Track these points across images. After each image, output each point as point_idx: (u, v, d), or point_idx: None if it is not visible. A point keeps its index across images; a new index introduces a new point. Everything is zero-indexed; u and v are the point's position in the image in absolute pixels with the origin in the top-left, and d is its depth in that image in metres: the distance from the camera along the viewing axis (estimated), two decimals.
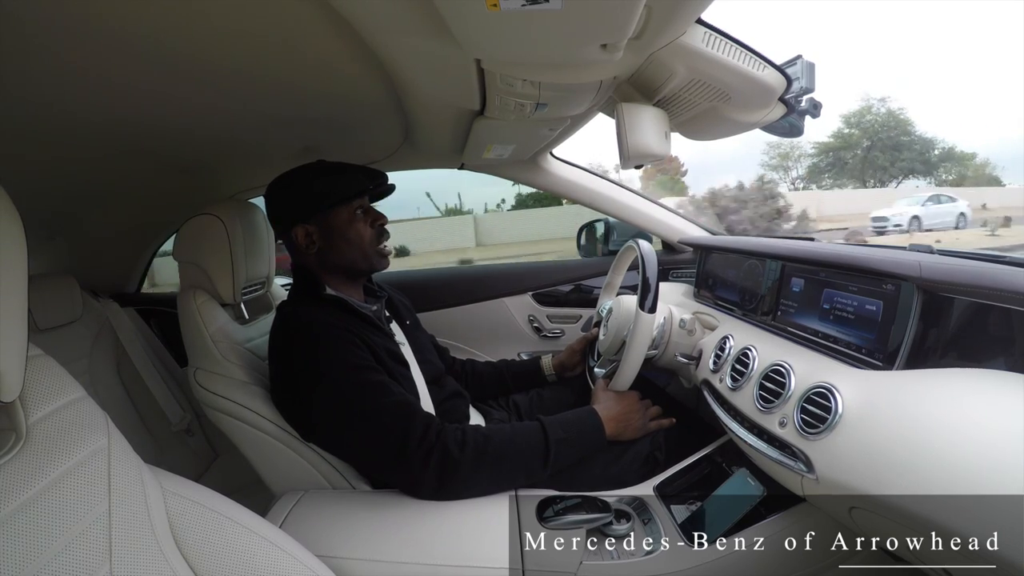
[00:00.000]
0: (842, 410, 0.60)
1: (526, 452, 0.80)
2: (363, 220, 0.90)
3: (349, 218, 0.88)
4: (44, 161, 0.92)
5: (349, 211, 0.88)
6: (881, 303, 0.68)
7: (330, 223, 0.88)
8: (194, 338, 0.90)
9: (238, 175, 1.33)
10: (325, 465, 0.82)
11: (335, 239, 0.88)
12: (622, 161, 0.82)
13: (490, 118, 0.90)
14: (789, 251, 0.90)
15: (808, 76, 0.77)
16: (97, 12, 0.49)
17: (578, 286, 1.57)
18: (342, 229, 0.88)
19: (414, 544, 0.68)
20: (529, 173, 1.45)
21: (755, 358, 0.80)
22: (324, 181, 0.87)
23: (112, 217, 1.37)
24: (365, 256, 0.90)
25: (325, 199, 0.86)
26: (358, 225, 0.89)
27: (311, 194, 0.87)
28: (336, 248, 0.89)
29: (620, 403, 0.93)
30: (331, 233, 0.88)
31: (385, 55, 0.63)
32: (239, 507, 0.53)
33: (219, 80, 0.70)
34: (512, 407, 1.14)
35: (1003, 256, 0.68)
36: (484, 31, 0.52)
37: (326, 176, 0.87)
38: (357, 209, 0.89)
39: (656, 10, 0.53)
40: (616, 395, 0.94)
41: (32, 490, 0.39)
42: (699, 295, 1.23)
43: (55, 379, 0.46)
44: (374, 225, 0.91)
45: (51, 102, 0.69)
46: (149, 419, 1.35)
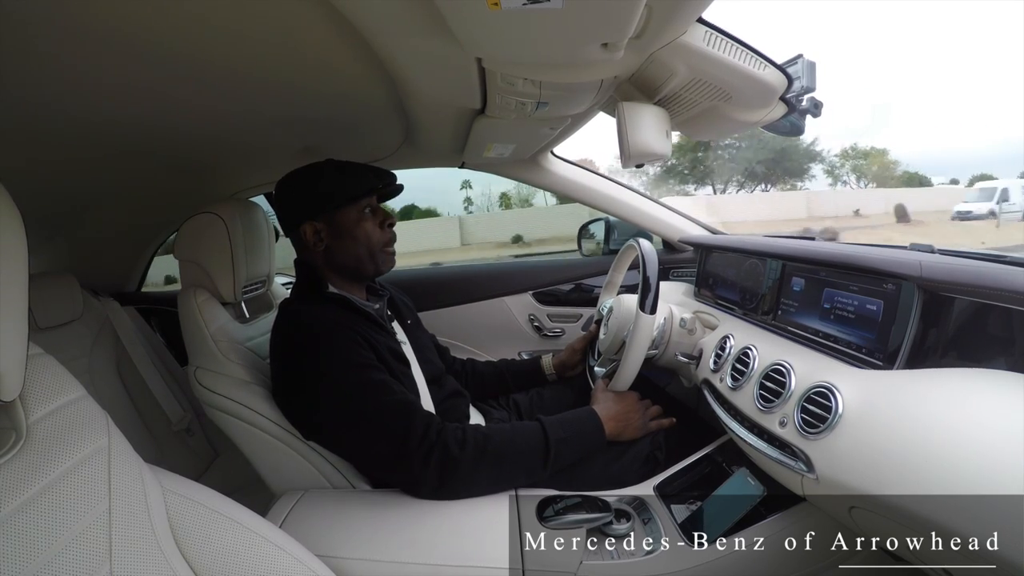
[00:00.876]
0: (842, 410, 0.60)
1: (526, 452, 0.80)
2: (371, 220, 0.90)
3: (357, 217, 0.88)
4: (44, 161, 0.92)
5: (357, 210, 0.88)
6: (882, 303, 0.68)
7: (338, 221, 0.88)
8: (194, 337, 0.90)
9: (238, 175, 1.33)
10: (325, 465, 0.82)
11: (343, 237, 0.88)
12: (623, 160, 0.82)
13: (491, 117, 0.90)
14: (790, 250, 0.90)
15: (809, 75, 0.77)
16: (97, 12, 0.49)
17: (578, 285, 1.57)
18: (350, 228, 0.88)
19: (414, 544, 0.68)
20: (530, 172, 1.45)
21: (755, 357, 0.80)
22: (333, 179, 0.87)
23: (112, 216, 1.37)
24: (372, 256, 0.90)
25: (334, 197, 0.86)
26: (366, 224, 0.89)
27: (320, 192, 0.87)
28: (343, 247, 0.89)
29: (620, 403, 0.93)
30: (339, 231, 0.88)
31: (386, 55, 0.63)
32: (239, 507, 0.53)
33: (219, 80, 0.70)
34: (512, 406, 1.14)
35: (1004, 256, 0.68)
36: (485, 30, 0.52)
37: (335, 174, 0.87)
38: (365, 208, 0.89)
39: (657, 9, 0.53)
40: (616, 395, 0.95)
41: (32, 489, 0.39)
42: (699, 294, 1.23)
43: (55, 378, 0.46)
44: (383, 225, 0.91)
45: (51, 102, 0.69)
46: (149, 418, 1.35)
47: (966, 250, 0.75)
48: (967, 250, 0.74)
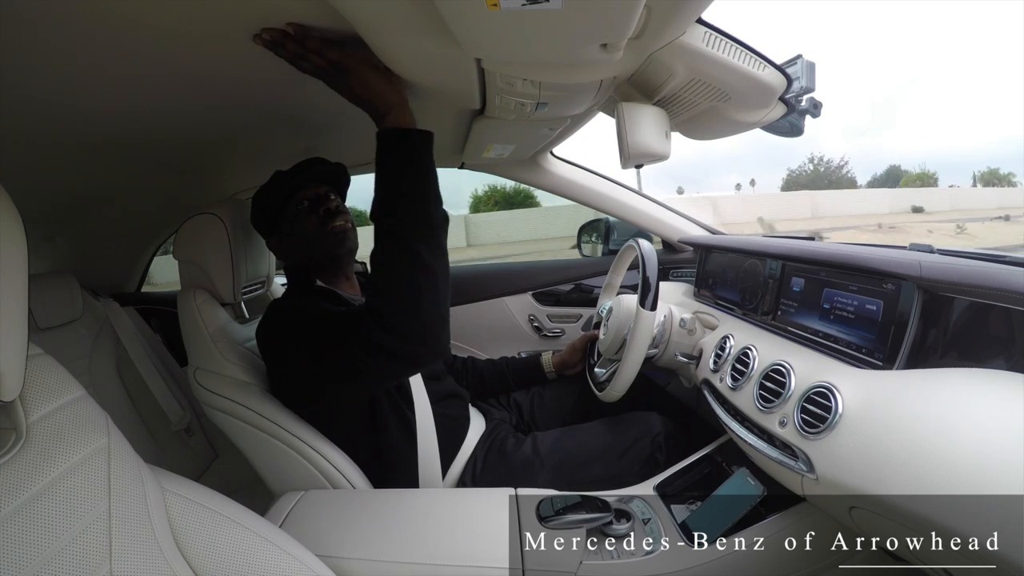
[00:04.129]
0: (842, 410, 0.60)
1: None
2: (307, 213, 0.89)
3: (294, 216, 0.89)
4: (45, 161, 0.92)
5: (293, 211, 0.89)
6: (881, 303, 0.68)
7: (283, 228, 0.91)
8: (194, 337, 0.90)
9: (238, 175, 1.33)
10: (325, 464, 0.82)
11: (292, 243, 0.91)
12: (622, 160, 0.82)
13: (490, 117, 0.90)
14: (789, 250, 0.90)
15: (808, 76, 0.77)
16: (97, 12, 0.49)
17: (578, 285, 1.57)
18: (292, 231, 0.90)
19: (414, 544, 0.68)
20: (529, 172, 1.45)
21: (755, 358, 0.80)
22: (268, 195, 0.90)
23: (112, 217, 1.37)
24: (314, 244, 0.90)
25: (266, 209, 0.91)
26: (303, 221, 0.89)
27: (259, 207, 0.92)
28: (296, 250, 0.92)
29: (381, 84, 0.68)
30: (289, 238, 0.91)
31: (385, 55, 0.63)
32: (239, 507, 0.53)
33: (219, 80, 0.70)
34: (513, 406, 1.14)
35: (1003, 256, 0.68)
36: (484, 31, 0.52)
37: (269, 190, 0.90)
38: (301, 203, 0.89)
39: (656, 10, 0.53)
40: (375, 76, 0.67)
41: (32, 489, 0.39)
42: (699, 294, 1.23)
43: (55, 378, 0.46)
44: (315, 212, 0.89)
45: (51, 102, 0.69)
46: (149, 419, 1.35)
47: (965, 250, 0.75)
48: (967, 250, 0.75)
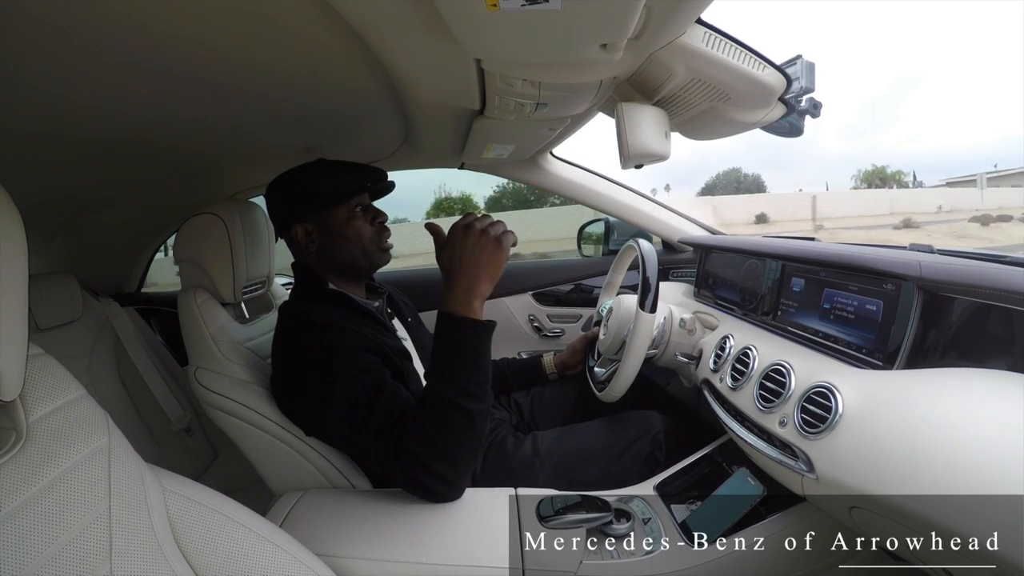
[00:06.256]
0: (842, 410, 0.60)
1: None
2: (362, 218, 0.90)
3: (348, 216, 0.88)
4: (44, 161, 0.92)
5: (348, 209, 0.88)
6: (881, 303, 0.68)
7: (329, 221, 0.88)
8: (194, 337, 0.90)
9: (238, 175, 1.33)
10: (325, 464, 0.82)
11: (334, 237, 0.88)
12: (622, 161, 0.82)
13: (490, 118, 0.90)
14: (789, 251, 0.90)
15: (808, 76, 0.77)
16: (97, 12, 0.49)
17: (578, 286, 1.57)
18: (341, 227, 0.88)
19: (414, 543, 0.68)
20: (529, 173, 1.45)
21: (755, 358, 0.80)
22: (322, 180, 0.87)
23: (112, 217, 1.37)
24: (365, 253, 0.90)
25: (322, 197, 0.87)
26: (357, 223, 0.89)
27: (309, 193, 0.87)
28: (336, 246, 0.89)
29: (453, 252, 0.73)
30: (330, 231, 0.88)
31: (385, 55, 0.63)
32: (239, 506, 0.53)
33: (219, 80, 0.70)
34: (514, 406, 1.14)
35: (1003, 256, 0.68)
36: (484, 31, 0.52)
37: (324, 175, 0.88)
38: (356, 207, 0.89)
39: (656, 10, 0.53)
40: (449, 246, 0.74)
41: (32, 489, 0.39)
42: (699, 295, 1.23)
43: (55, 378, 0.46)
44: (374, 223, 0.91)
45: (51, 102, 0.69)
46: (149, 418, 1.35)
47: (965, 250, 0.75)
48: (966, 250, 0.75)
